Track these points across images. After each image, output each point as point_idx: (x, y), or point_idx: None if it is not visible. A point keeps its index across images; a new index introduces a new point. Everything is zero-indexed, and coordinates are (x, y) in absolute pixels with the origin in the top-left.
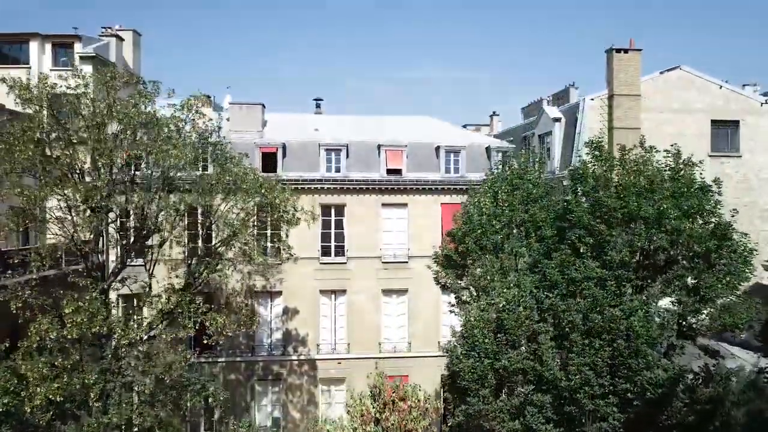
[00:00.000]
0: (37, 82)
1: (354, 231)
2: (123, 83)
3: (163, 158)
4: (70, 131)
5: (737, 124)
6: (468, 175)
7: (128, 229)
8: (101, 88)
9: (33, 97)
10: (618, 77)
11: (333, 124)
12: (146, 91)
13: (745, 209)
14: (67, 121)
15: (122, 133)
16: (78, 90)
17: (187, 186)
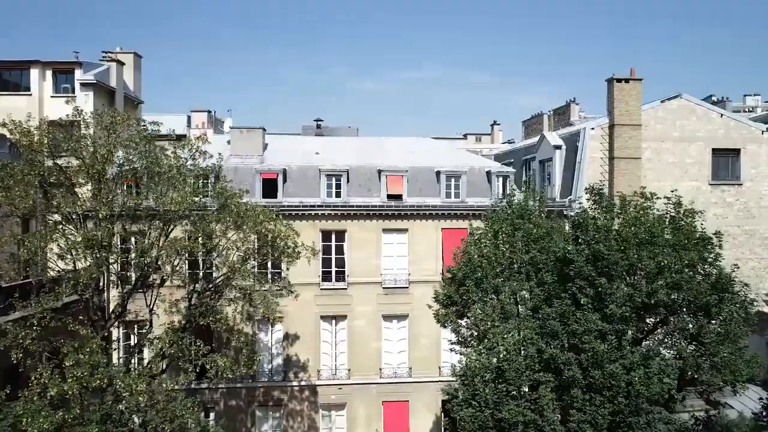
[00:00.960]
0: (38, 125)
1: (354, 256)
2: (124, 125)
3: (164, 204)
4: (71, 176)
5: (738, 153)
6: (468, 200)
7: (129, 269)
8: (102, 130)
9: (34, 142)
10: (619, 107)
11: (333, 148)
12: (146, 132)
13: (746, 237)
14: (68, 163)
15: (123, 178)
16: (78, 136)
17: (187, 222)
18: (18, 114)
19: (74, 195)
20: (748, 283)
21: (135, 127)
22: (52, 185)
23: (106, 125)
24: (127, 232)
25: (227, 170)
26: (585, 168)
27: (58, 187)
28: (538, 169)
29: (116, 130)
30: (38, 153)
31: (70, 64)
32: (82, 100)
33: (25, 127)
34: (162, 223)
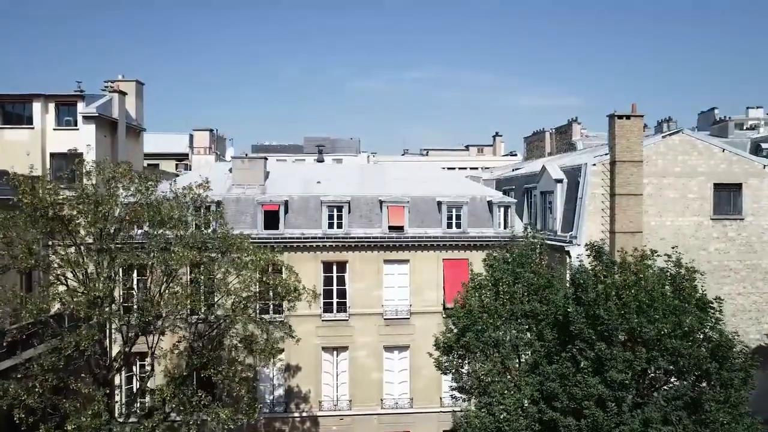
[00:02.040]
0: (41, 186)
1: (356, 287)
2: (126, 177)
3: (166, 260)
4: (74, 234)
5: (740, 187)
6: (470, 231)
7: (131, 316)
8: (104, 182)
9: (38, 201)
10: (620, 143)
11: (334, 176)
12: (148, 182)
13: (748, 271)
14: (72, 219)
15: (124, 230)
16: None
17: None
18: (21, 147)
19: (75, 237)
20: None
21: (136, 181)
22: (57, 243)
23: (108, 179)
24: (129, 281)
25: (229, 200)
26: (586, 204)
27: (62, 241)
28: (540, 200)
29: (117, 185)
30: (41, 209)
31: (72, 97)
32: (84, 133)
33: (27, 180)
34: (164, 275)
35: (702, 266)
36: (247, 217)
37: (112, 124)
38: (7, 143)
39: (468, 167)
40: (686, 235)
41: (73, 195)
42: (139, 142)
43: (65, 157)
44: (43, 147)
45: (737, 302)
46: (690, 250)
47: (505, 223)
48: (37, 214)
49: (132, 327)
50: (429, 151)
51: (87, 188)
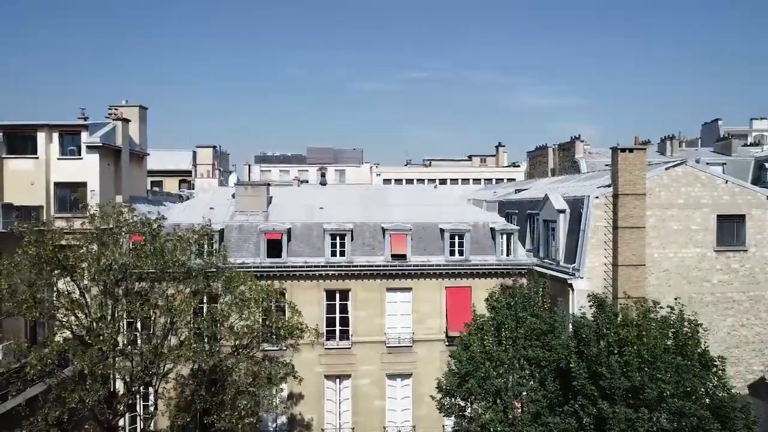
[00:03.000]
0: (49, 235)
1: (358, 315)
2: (128, 228)
3: (168, 310)
4: (79, 283)
5: (743, 218)
6: (472, 258)
7: (134, 368)
8: (107, 229)
9: (43, 252)
10: (623, 176)
11: (337, 201)
12: (152, 230)
13: (751, 303)
14: (75, 268)
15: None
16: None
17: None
18: (25, 176)
19: (80, 282)
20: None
21: (140, 226)
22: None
23: (111, 229)
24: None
25: (232, 228)
26: (589, 237)
27: (67, 297)
28: (542, 227)
29: (121, 233)
30: (46, 258)
31: (76, 126)
32: (88, 162)
33: (32, 229)
34: (167, 323)
35: (705, 298)
36: (250, 245)
37: (116, 151)
38: (11, 173)
39: (471, 178)
40: (689, 266)
41: (77, 242)
42: (142, 166)
43: (69, 187)
44: (47, 176)
45: (740, 334)
46: (693, 281)
47: (507, 250)
48: (42, 261)
49: (136, 376)
50: (432, 162)
51: (90, 237)
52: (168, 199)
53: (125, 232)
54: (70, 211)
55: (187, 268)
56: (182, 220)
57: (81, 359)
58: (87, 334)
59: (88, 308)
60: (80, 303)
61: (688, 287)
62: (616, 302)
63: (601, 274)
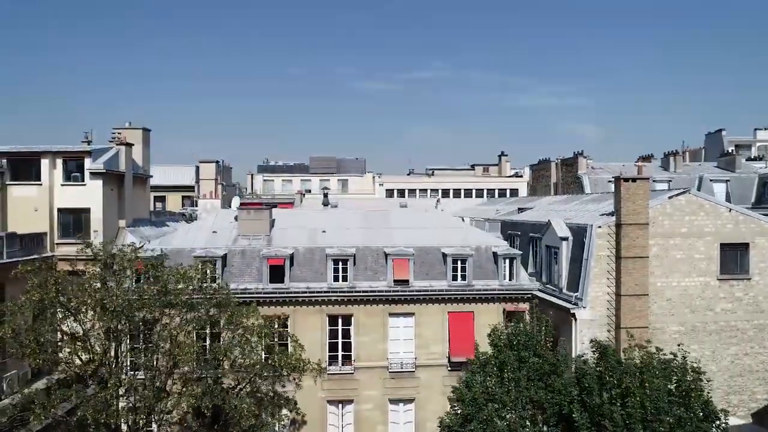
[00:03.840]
0: (52, 280)
1: (361, 340)
2: (132, 269)
3: (171, 355)
4: (82, 325)
5: (747, 247)
6: (475, 283)
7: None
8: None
9: (46, 296)
10: (626, 206)
11: (340, 224)
12: (156, 270)
13: (756, 331)
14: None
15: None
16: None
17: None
18: (29, 203)
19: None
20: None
21: (144, 269)
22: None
23: (115, 271)
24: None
25: (234, 253)
26: (592, 266)
27: (72, 340)
28: (545, 252)
29: (125, 275)
30: (50, 305)
31: (80, 153)
32: (91, 188)
33: (36, 270)
34: (170, 365)
35: (709, 326)
36: (252, 270)
37: (119, 176)
38: (15, 199)
39: (474, 188)
40: (693, 295)
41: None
42: (145, 188)
43: (73, 213)
44: (50, 203)
45: (744, 362)
46: (696, 310)
47: (510, 274)
48: (45, 304)
49: (139, 417)
50: (434, 171)
51: (93, 283)
52: (171, 219)
53: (129, 274)
54: (74, 237)
55: (190, 304)
56: (185, 245)
57: (85, 409)
58: (90, 377)
59: (91, 347)
60: (83, 340)
61: (691, 316)
62: (619, 332)
63: (604, 304)
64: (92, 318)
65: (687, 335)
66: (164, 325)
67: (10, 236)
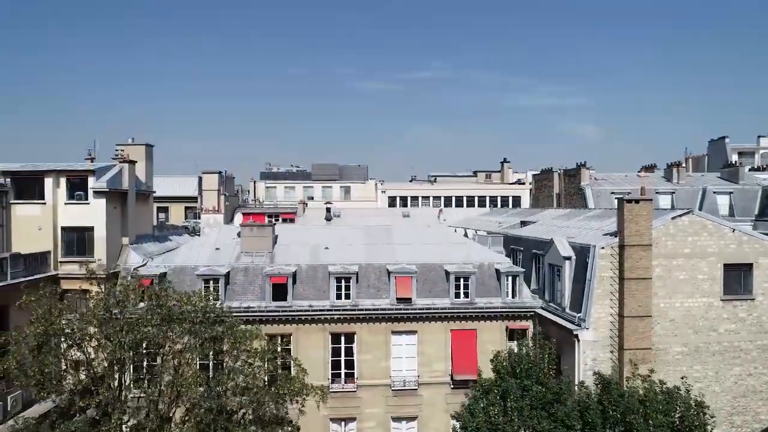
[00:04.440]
0: (56, 312)
1: (363, 358)
2: (136, 297)
3: (175, 386)
4: (87, 355)
5: (750, 267)
6: (477, 301)
7: None
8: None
9: (51, 328)
10: (629, 227)
11: (343, 240)
12: (160, 297)
13: (759, 351)
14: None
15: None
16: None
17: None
18: (33, 221)
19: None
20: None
21: (148, 302)
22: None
23: (119, 300)
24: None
25: (237, 270)
26: (595, 287)
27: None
28: (548, 270)
29: (129, 303)
30: (55, 336)
31: (83, 172)
32: (95, 207)
33: (40, 300)
34: (173, 396)
35: (712, 347)
36: (255, 288)
37: (123, 194)
38: (19, 218)
39: (476, 196)
40: (696, 316)
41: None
42: (148, 204)
43: (76, 231)
44: (54, 221)
45: (748, 383)
46: (700, 331)
47: (513, 292)
48: (50, 336)
49: None
50: (437, 178)
51: (97, 314)
52: (174, 233)
53: (132, 302)
54: (77, 255)
55: (194, 332)
56: (188, 262)
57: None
58: (95, 406)
59: (95, 375)
60: (87, 368)
61: (694, 337)
62: (622, 353)
63: (607, 325)
64: (96, 348)
65: (690, 356)
66: (167, 352)
67: (14, 257)
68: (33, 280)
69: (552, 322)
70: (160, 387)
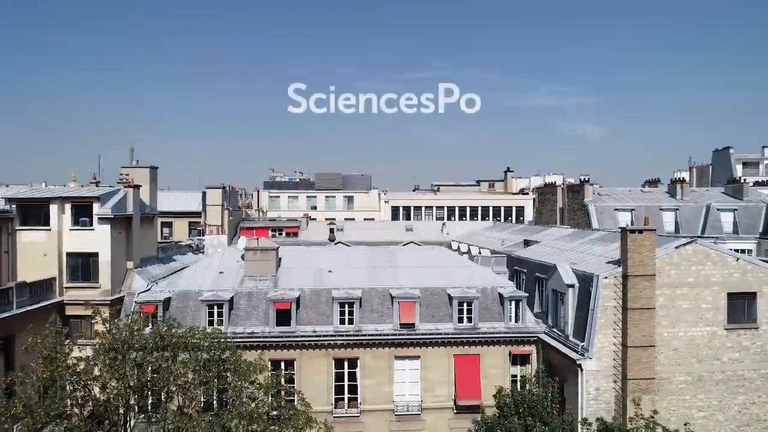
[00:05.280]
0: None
1: (367, 383)
2: (140, 339)
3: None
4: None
5: (754, 296)
6: (481, 326)
7: None
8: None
9: (56, 372)
10: (632, 257)
11: (346, 263)
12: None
13: (763, 380)
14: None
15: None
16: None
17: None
18: (38, 248)
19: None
20: None
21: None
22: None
23: (124, 340)
24: None
25: (241, 295)
26: (598, 317)
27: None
28: (551, 295)
29: (134, 341)
30: (60, 378)
31: (88, 198)
32: (100, 233)
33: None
34: None
35: (716, 376)
36: (259, 313)
37: (127, 218)
38: (24, 244)
39: (479, 206)
40: (699, 345)
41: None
42: (152, 226)
43: (81, 257)
44: (59, 247)
45: (752, 412)
46: (703, 360)
47: (516, 316)
48: (55, 376)
49: None
50: (440, 187)
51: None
52: (179, 252)
53: (138, 345)
54: (82, 281)
55: (202, 381)
56: (192, 286)
57: None
58: None
59: (101, 415)
60: (93, 406)
61: (698, 366)
62: (625, 383)
63: (610, 354)
64: (102, 389)
65: (694, 385)
66: (172, 390)
67: (20, 286)
68: (39, 308)
69: (555, 349)
70: (166, 424)
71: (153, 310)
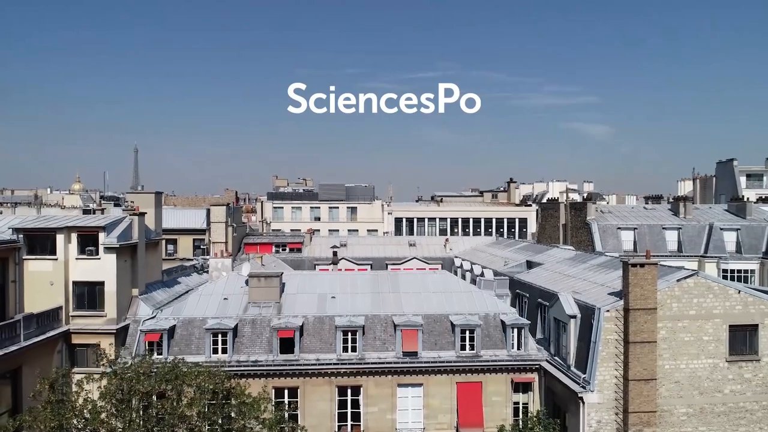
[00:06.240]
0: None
1: (369, 411)
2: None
3: None
4: None
5: (756, 328)
6: (483, 353)
7: None
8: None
9: (63, 418)
10: (634, 291)
11: (349, 289)
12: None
13: (765, 413)
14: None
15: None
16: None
17: None
18: (44, 277)
19: None
20: None
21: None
22: None
23: (129, 377)
24: None
25: (245, 322)
26: (600, 350)
27: None
28: (553, 323)
29: (140, 378)
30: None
31: (94, 228)
32: (105, 262)
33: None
34: None
35: (717, 408)
36: (263, 340)
37: (133, 246)
38: (31, 273)
39: (482, 218)
40: (701, 377)
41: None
42: (157, 251)
43: (87, 285)
44: (66, 276)
45: None
46: (705, 392)
47: (518, 344)
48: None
49: None
50: (443, 198)
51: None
52: (183, 274)
53: (142, 390)
54: (88, 309)
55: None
56: (196, 314)
57: None
58: None
59: None
60: None
61: (699, 398)
62: (627, 416)
63: (612, 387)
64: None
65: (695, 417)
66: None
67: (27, 318)
68: (46, 339)
69: (557, 379)
70: None
71: (158, 338)
